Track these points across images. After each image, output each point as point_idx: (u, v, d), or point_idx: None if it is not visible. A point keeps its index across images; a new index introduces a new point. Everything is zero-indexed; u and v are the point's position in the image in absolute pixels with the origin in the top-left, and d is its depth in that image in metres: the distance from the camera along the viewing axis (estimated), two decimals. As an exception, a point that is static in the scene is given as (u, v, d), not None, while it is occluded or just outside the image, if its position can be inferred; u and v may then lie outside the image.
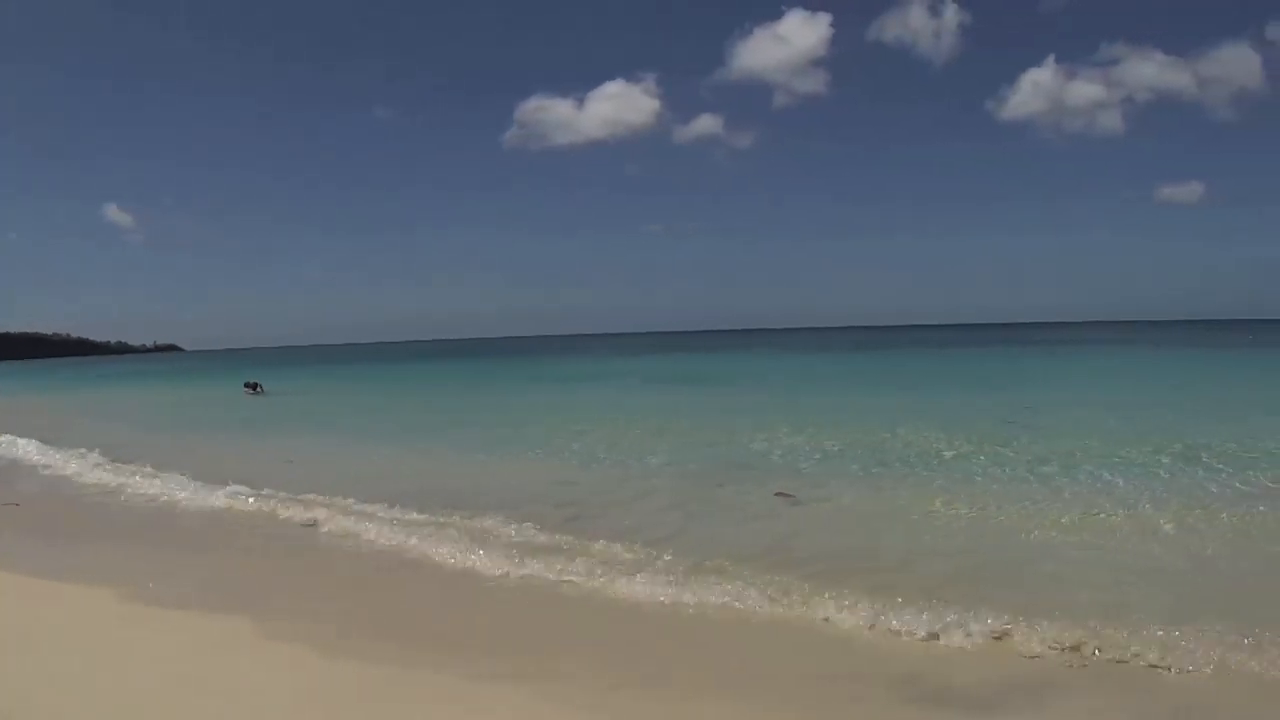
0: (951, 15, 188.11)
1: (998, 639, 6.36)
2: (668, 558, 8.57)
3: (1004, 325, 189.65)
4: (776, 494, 11.84)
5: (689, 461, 14.97)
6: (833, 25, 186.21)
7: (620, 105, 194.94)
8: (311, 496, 12.45)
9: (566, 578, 8.23)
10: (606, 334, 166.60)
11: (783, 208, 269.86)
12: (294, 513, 11.70)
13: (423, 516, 10.88)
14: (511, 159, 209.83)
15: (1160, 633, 6.14)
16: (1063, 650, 6.12)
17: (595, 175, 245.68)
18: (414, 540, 9.87)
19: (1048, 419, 18.83)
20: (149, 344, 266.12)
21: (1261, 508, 10.10)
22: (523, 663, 6.18)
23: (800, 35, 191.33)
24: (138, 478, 15.15)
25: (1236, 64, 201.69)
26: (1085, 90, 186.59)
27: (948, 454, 14.43)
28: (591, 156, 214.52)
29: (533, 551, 9.04)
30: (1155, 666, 5.82)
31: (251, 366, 55.70)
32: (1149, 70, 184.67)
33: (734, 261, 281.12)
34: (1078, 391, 28.46)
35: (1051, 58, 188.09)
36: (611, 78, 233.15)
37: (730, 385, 36.60)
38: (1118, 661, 5.94)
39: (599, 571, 8.28)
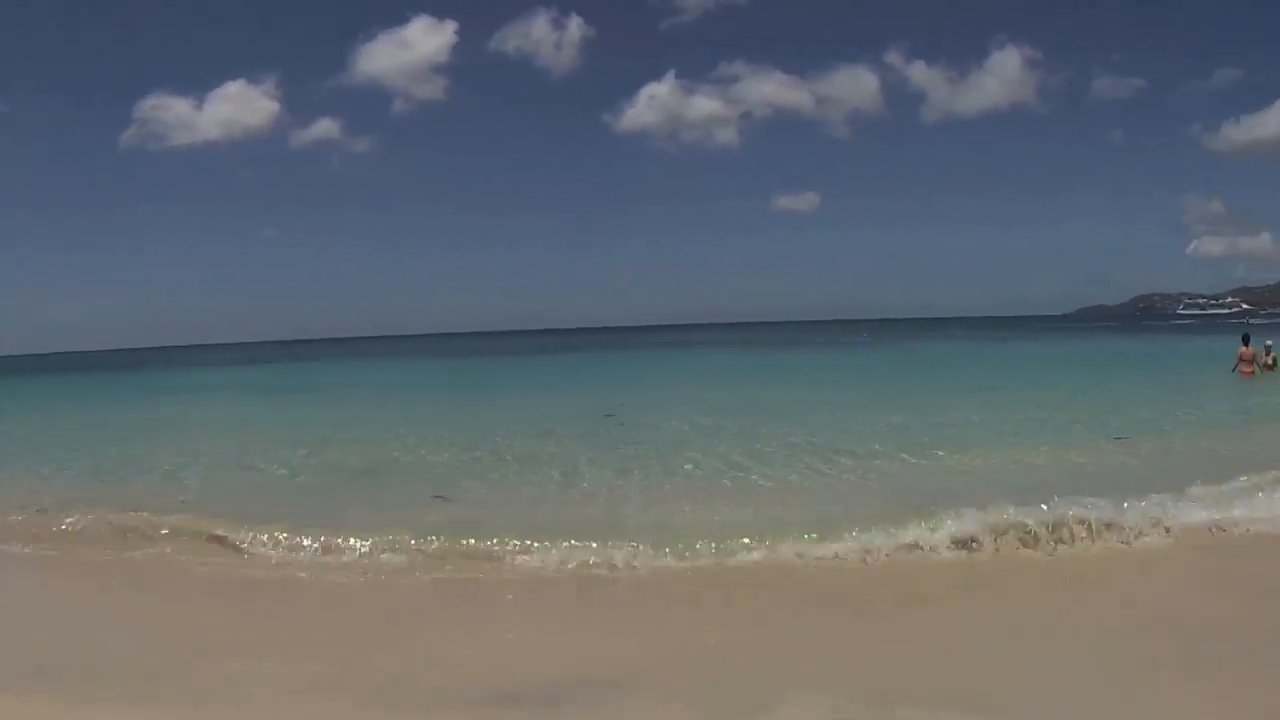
0: (575, 28, 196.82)
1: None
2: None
3: (627, 329, 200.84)
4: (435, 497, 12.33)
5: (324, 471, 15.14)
6: (457, 33, 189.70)
7: (239, 106, 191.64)
8: None
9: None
10: (218, 344, 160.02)
11: (398, 215, 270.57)
12: None
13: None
14: (128, 160, 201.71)
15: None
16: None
17: (210, 178, 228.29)
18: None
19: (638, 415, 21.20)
20: None
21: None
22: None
23: (424, 41, 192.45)
24: None
25: (854, 85, 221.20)
26: (704, 105, 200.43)
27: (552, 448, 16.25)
28: (207, 158, 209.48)
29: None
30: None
31: None
32: (768, 88, 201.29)
33: (350, 269, 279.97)
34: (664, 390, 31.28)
35: (672, 73, 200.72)
36: (233, 77, 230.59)
37: (344, 394, 36.61)
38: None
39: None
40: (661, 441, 16.17)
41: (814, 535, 8.79)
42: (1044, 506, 9.06)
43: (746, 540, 8.75)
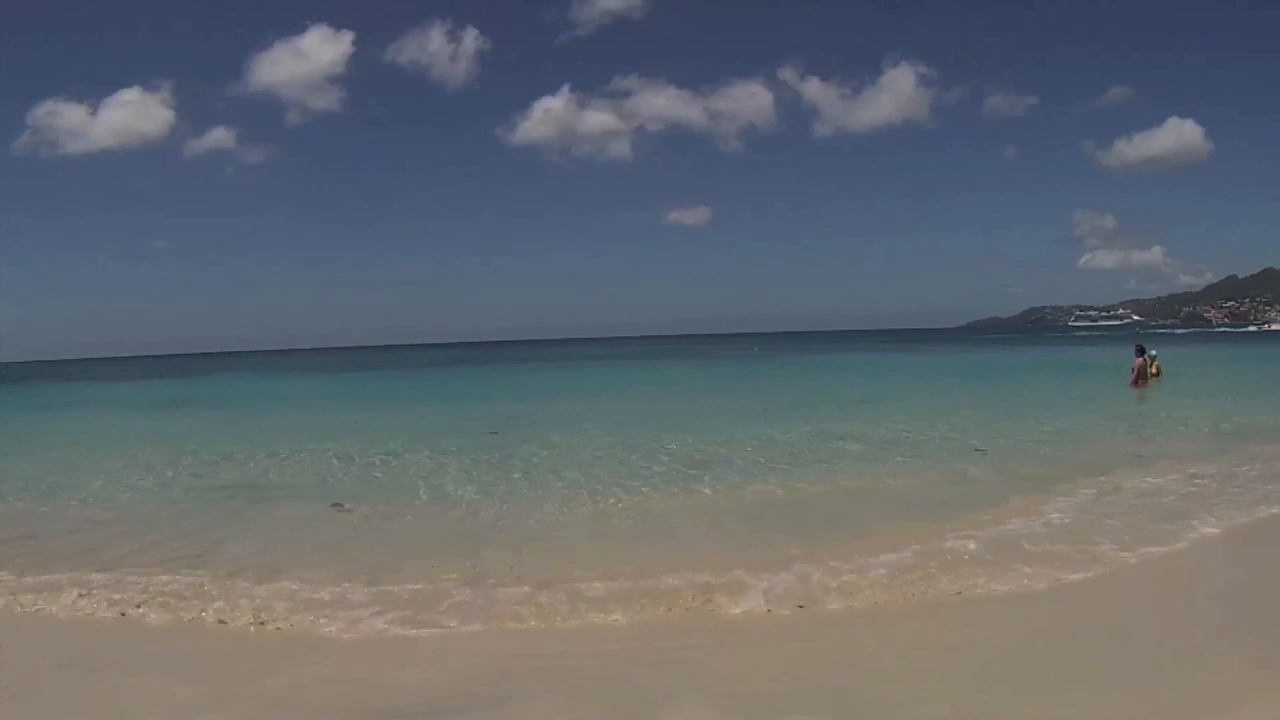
0: (471, 41, 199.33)
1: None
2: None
3: (521, 343, 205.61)
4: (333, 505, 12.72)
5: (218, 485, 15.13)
6: (354, 43, 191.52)
7: (134, 114, 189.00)
8: None
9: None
10: (106, 358, 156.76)
11: (291, 227, 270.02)
12: None
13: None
14: (20, 168, 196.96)
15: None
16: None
17: (102, 187, 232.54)
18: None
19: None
20: None
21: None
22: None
23: (320, 51, 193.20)
24: None
25: (748, 100, 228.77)
26: (598, 119, 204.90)
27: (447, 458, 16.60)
28: (101, 166, 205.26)
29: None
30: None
31: None
32: (661, 102, 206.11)
33: (242, 281, 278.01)
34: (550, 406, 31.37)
35: (566, 87, 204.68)
36: (129, 84, 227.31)
37: (229, 409, 36.19)
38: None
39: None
40: (538, 459, 16.42)
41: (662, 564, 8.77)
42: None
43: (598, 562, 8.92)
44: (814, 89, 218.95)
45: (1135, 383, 28.52)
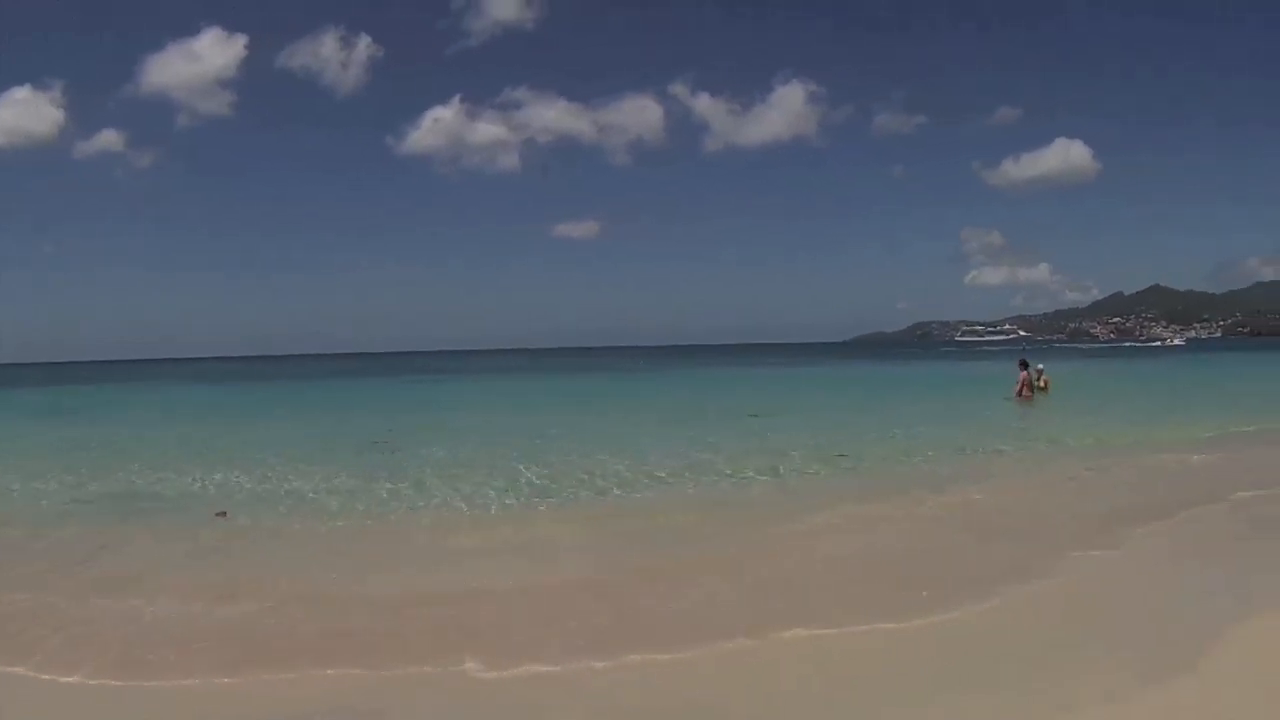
0: (364, 48, 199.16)
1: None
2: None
3: (412, 354, 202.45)
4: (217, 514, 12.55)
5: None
6: (247, 47, 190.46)
7: (23, 112, 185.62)
8: None
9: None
10: None
11: (178, 234, 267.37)
12: None
13: None
14: None
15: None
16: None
17: None
18: None
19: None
20: None
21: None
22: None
23: (212, 55, 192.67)
24: None
25: (637, 113, 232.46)
26: (487, 130, 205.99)
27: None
28: None
29: None
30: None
31: None
32: (551, 115, 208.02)
33: (130, 287, 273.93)
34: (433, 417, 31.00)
35: (457, 97, 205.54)
36: (20, 83, 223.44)
37: (108, 418, 34.96)
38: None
39: None
40: (413, 469, 16.29)
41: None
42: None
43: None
44: (704, 104, 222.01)
45: (1019, 395, 29.03)
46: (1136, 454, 16.65)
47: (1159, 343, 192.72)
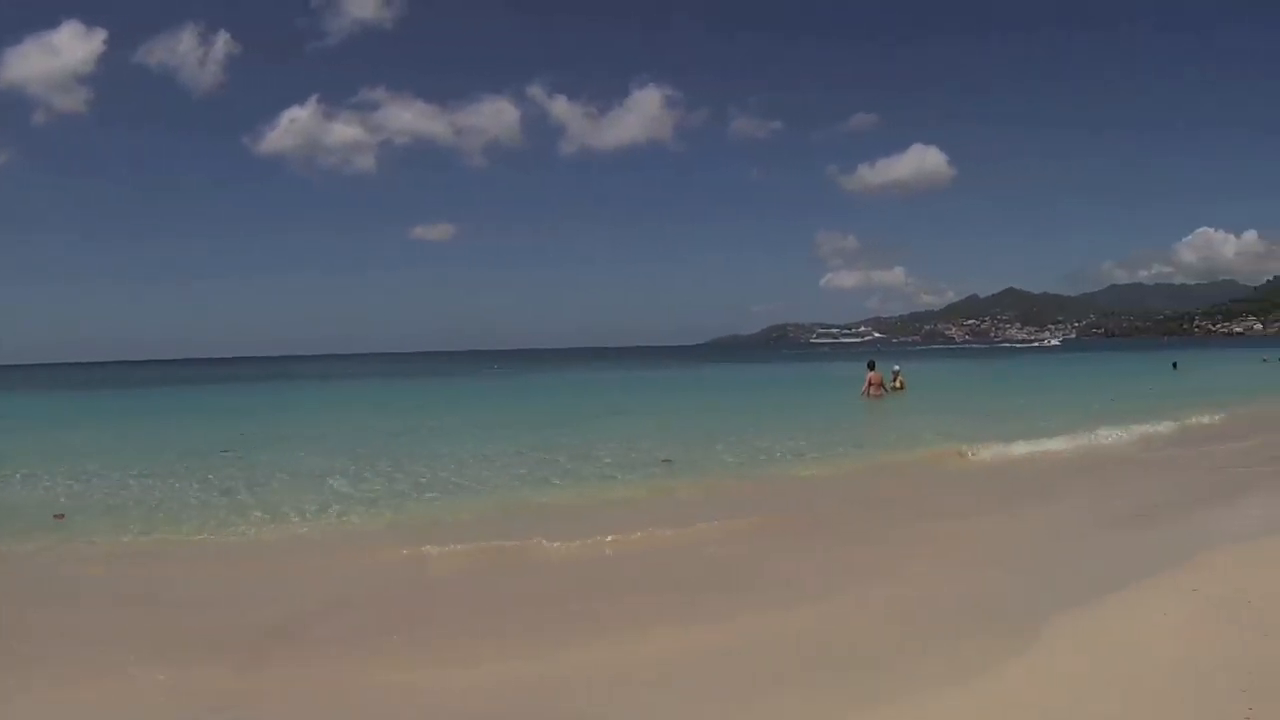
0: (222, 45, 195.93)
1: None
2: None
3: (266, 359, 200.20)
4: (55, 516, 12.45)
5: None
6: (106, 42, 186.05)
7: None
8: None
9: None
10: None
11: (32, 232, 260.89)
12: None
13: None
14: None
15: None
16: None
17: None
18: None
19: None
20: None
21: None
22: None
23: (71, 49, 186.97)
24: None
25: (494, 116, 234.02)
26: (344, 131, 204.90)
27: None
28: None
29: None
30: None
31: None
32: (407, 116, 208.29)
33: None
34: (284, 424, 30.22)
35: (314, 97, 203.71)
36: None
37: None
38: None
39: None
40: (261, 477, 15.76)
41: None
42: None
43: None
44: (561, 107, 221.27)
45: (867, 393, 29.44)
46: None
47: (1037, 343, 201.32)
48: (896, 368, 32.13)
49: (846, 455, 17.03)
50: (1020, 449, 16.79)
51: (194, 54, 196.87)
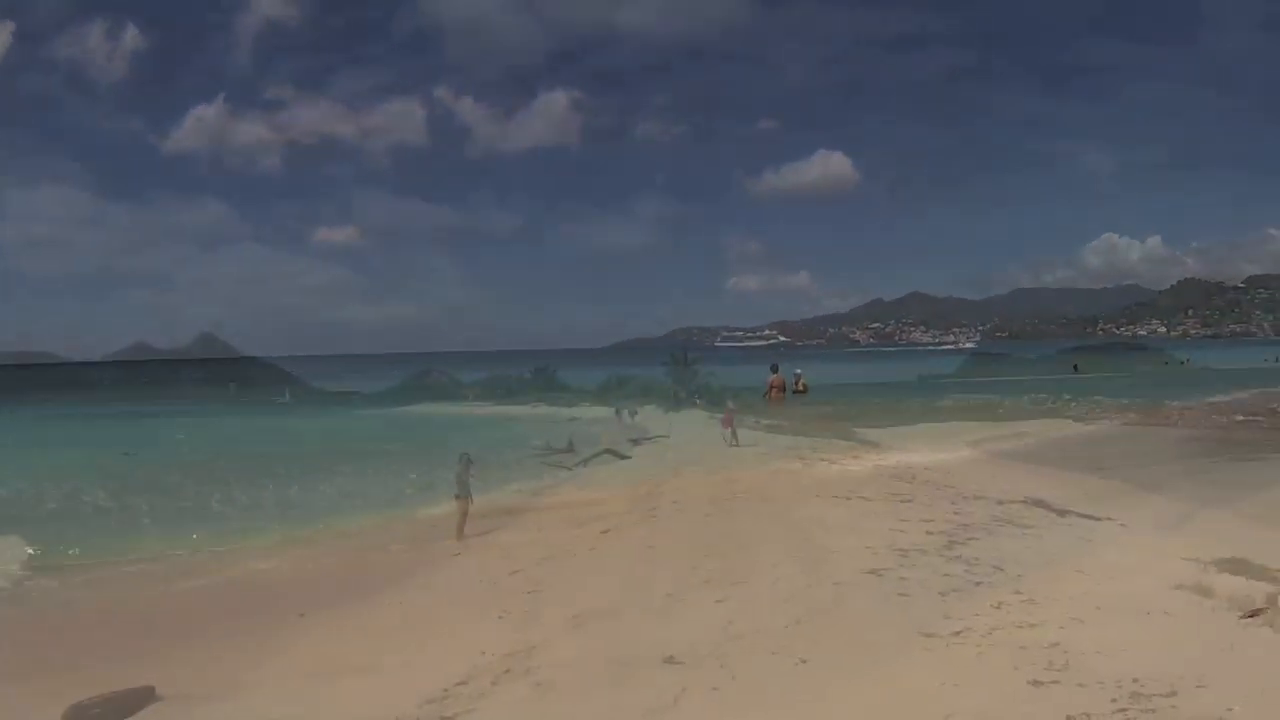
0: (130, 39, 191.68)
1: None
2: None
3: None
4: None
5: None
6: (14, 35, 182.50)
7: None
8: None
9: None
10: None
11: None
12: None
13: None
14: None
15: None
16: None
17: None
18: None
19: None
20: None
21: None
22: None
23: None
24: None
25: (402, 118, 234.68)
26: (250, 130, 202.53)
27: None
28: None
29: None
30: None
31: None
32: (314, 116, 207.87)
33: None
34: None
35: (221, 95, 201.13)
36: None
37: None
38: None
39: None
40: None
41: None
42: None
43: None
44: (467, 108, 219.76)
45: (769, 396, 30.09)
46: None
47: (953, 345, 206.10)
48: (798, 371, 32.82)
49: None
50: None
51: (102, 49, 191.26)
